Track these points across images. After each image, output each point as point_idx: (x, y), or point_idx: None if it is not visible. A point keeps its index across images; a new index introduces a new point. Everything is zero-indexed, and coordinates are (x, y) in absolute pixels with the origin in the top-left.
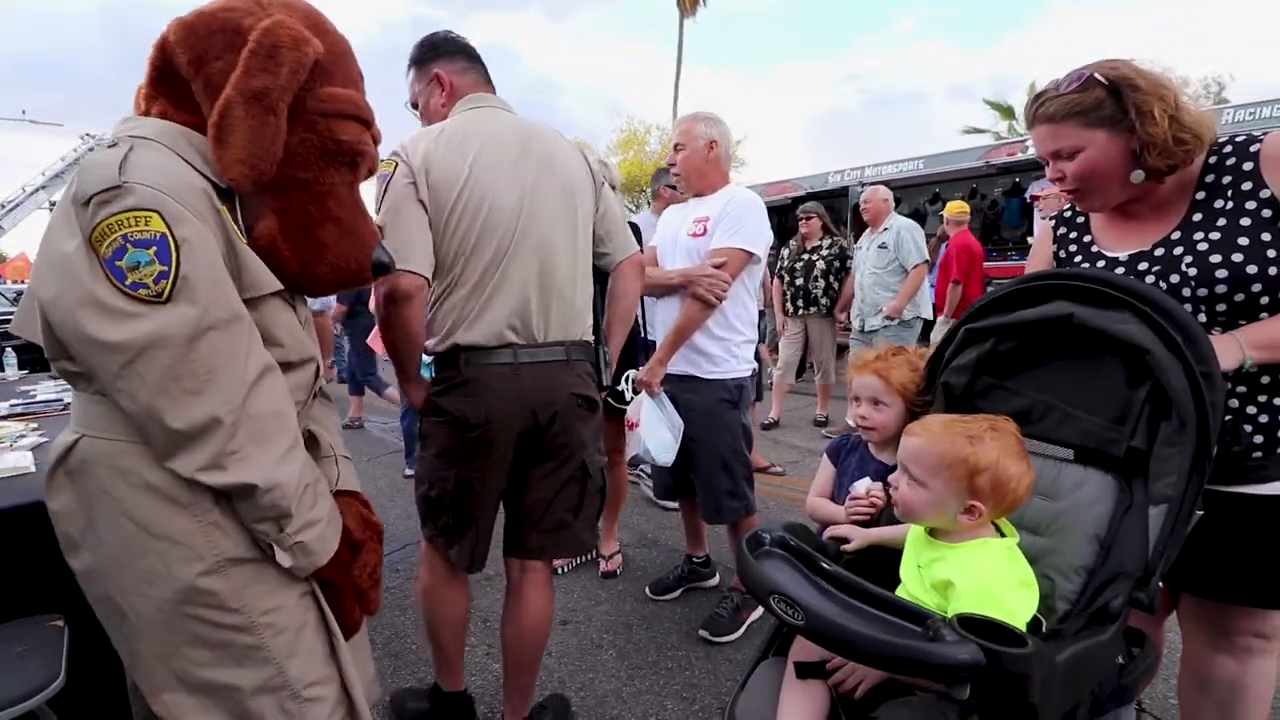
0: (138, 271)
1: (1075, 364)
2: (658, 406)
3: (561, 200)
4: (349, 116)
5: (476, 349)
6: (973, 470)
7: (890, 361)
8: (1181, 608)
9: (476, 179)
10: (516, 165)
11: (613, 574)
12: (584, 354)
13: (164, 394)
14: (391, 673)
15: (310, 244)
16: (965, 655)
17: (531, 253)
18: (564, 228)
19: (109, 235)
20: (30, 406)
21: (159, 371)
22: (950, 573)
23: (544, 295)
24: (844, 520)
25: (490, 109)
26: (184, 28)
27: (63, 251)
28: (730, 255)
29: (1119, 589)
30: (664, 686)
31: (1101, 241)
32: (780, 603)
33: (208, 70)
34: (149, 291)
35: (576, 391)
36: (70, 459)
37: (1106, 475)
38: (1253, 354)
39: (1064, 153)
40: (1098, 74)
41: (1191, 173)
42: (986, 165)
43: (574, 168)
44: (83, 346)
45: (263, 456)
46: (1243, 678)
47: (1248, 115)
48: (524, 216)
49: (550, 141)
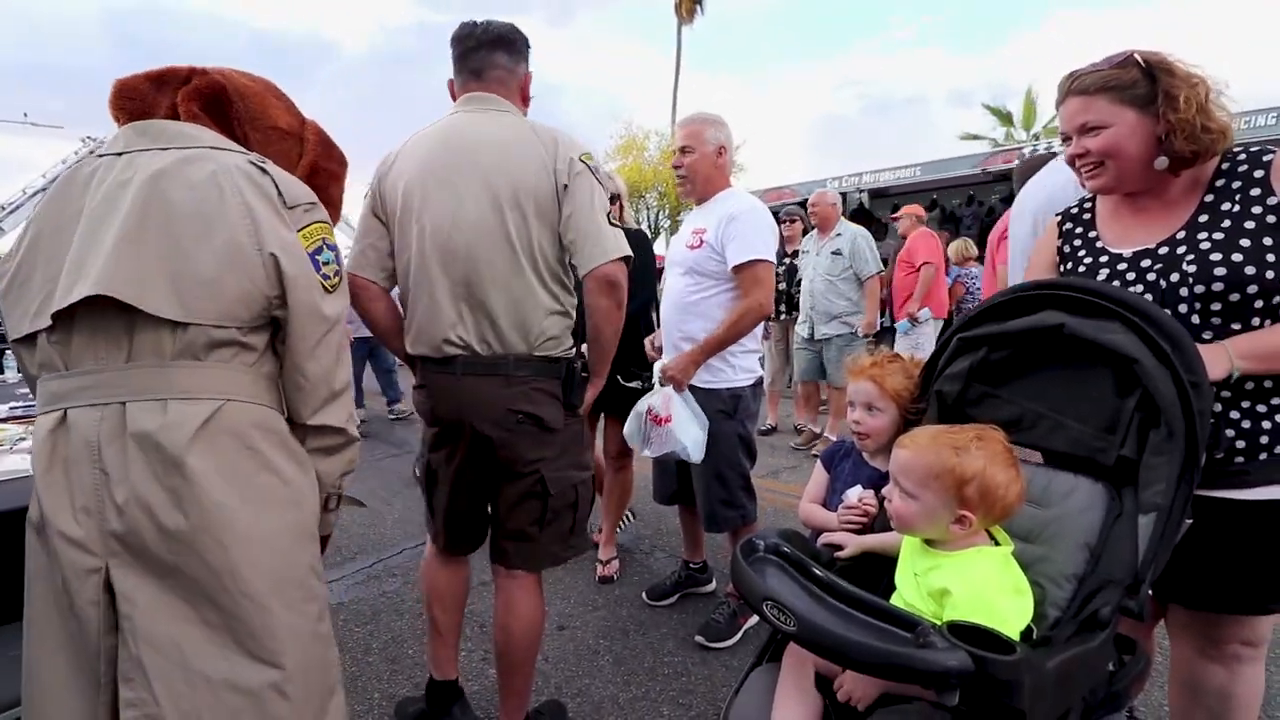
0: (329, 266)
1: (1066, 373)
2: (685, 403)
3: (493, 212)
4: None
5: (426, 359)
6: (960, 480)
7: (886, 368)
8: (1169, 617)
9: (410, 192)
10: (450, 176)
11: (609, 579)
12: (533, 369)
13: (336, 360)
14: (389, 676)
15: None
16: (954, 662)
17: (455, 266)
18: (494, 239)
19: (314, 236)
20: (30, 410)
21: (335, 342)
22: (946, 580)
23: (475, 309)
24: (835, 527)
25: (457, 114)
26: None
27: (287, 239)
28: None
29: (1109, 596)
30: (660, 692)
31: (1107, 238)
32: (772, 609)
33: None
34: (332, 283)
35: (517, 409)
36: (215, 421)
37: (1096, 483)
38: (1241, 364)
39: (1090, 126)
40: (1138, 55)
41: (1204, 175)
42: (984, 172)
43: (527, 175)
44: (308, 316)
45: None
46: (1232, 685)
47: (1244, 124)
48: (449, 230)
49: (502, 148)
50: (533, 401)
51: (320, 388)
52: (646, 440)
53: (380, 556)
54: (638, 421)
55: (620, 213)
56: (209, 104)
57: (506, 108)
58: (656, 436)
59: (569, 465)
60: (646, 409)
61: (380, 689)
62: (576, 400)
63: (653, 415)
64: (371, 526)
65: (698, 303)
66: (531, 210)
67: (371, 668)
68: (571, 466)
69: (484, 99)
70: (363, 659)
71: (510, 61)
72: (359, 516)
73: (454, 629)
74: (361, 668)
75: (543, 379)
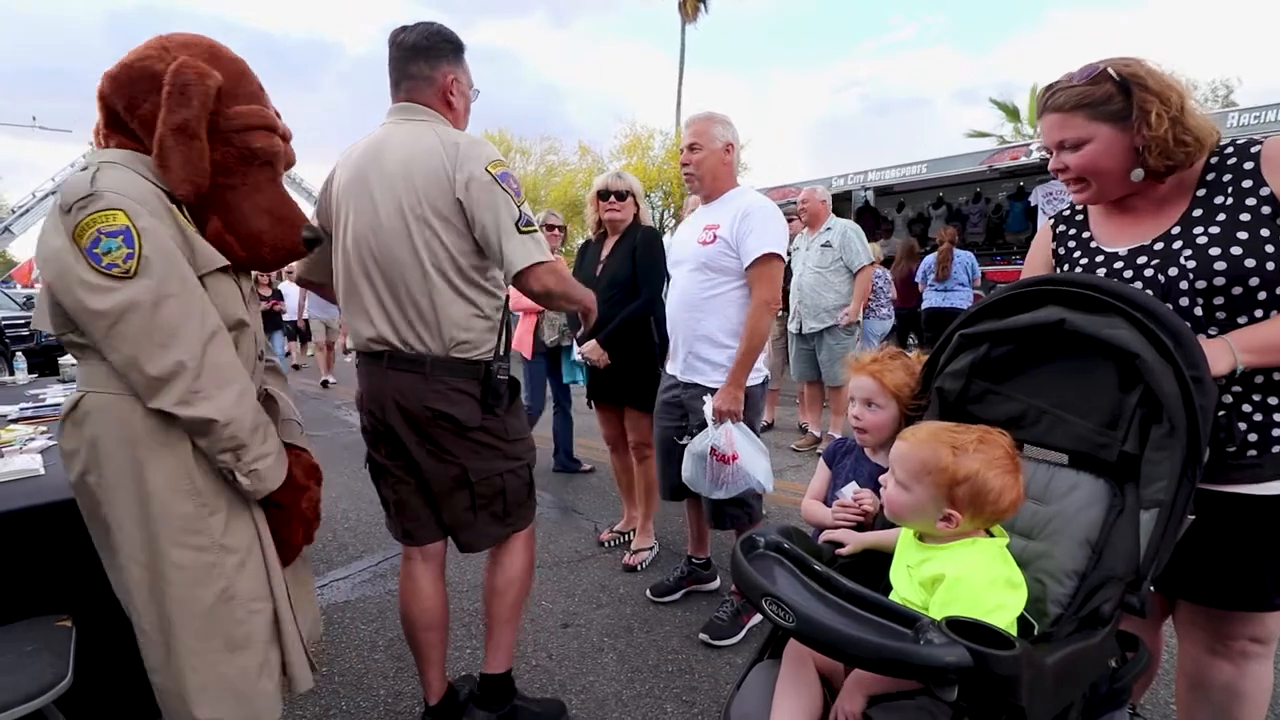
0: (110, 255)
1: (1067, 369)
2: (745, 434)
3: (401, 222)
4: (257, 127)
5: (360, 353)
6: (952, 480)
7: (886, 364)
8: (1177, 613)
9: (340, 201)
10: (368, 187)
11: (633, 569)
12: (449, 369)
13: (140, 348)
14: (394, 674)
15: (250, 234)
16: (952, 657)
17: (375, 272)
18: (405, 248)
19: (87, 230)
20: (40, 410)
21: (134, 330)
22: (939, 568)
23: (394, 312)
24: (831, 524)
25: (384, 125)
26: (112, 81)
27: (54, 246)
28: (770, 266)
29: (1110, 593)
30: (664, 690)
31: (1101, 238)
32: (772, 605)
33: (139, 113)
34: (120, 270)
35: (433, 406)
36: (77, 411)
37: (1098, 480)
38: (1244, 358)
39: (1068, 143)
40: (1110, 69)
41: (1193, 172)
42: (990, 169)
43: (430, 186)
44: (80, 315)
45: (223, 397)
46: (1239, 682)
47: (1253, 119)
48: (369, 237)
49: (407, 160)
50: (449, 401)
51: (134, 374)
52: (717, 482)
53: (387, 554)
54: (701, 465)
55: (638, 210)
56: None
57: (425, 116)
58: (728, 477)
59: (494, 457)
60: (710, 449)
61: (386, 686)
62: (493, 401)
63: (719, 456)
64: (378, 524)
65: (711, 299)
66: (436, 220)
67: (377, 665)
68: (496, 458)
69: (405, 108)
70: (368, 656)
71: (428, 68)
72: (365, 515)
73: (439, 645)
74: (368, 665)
75: (460, 379)
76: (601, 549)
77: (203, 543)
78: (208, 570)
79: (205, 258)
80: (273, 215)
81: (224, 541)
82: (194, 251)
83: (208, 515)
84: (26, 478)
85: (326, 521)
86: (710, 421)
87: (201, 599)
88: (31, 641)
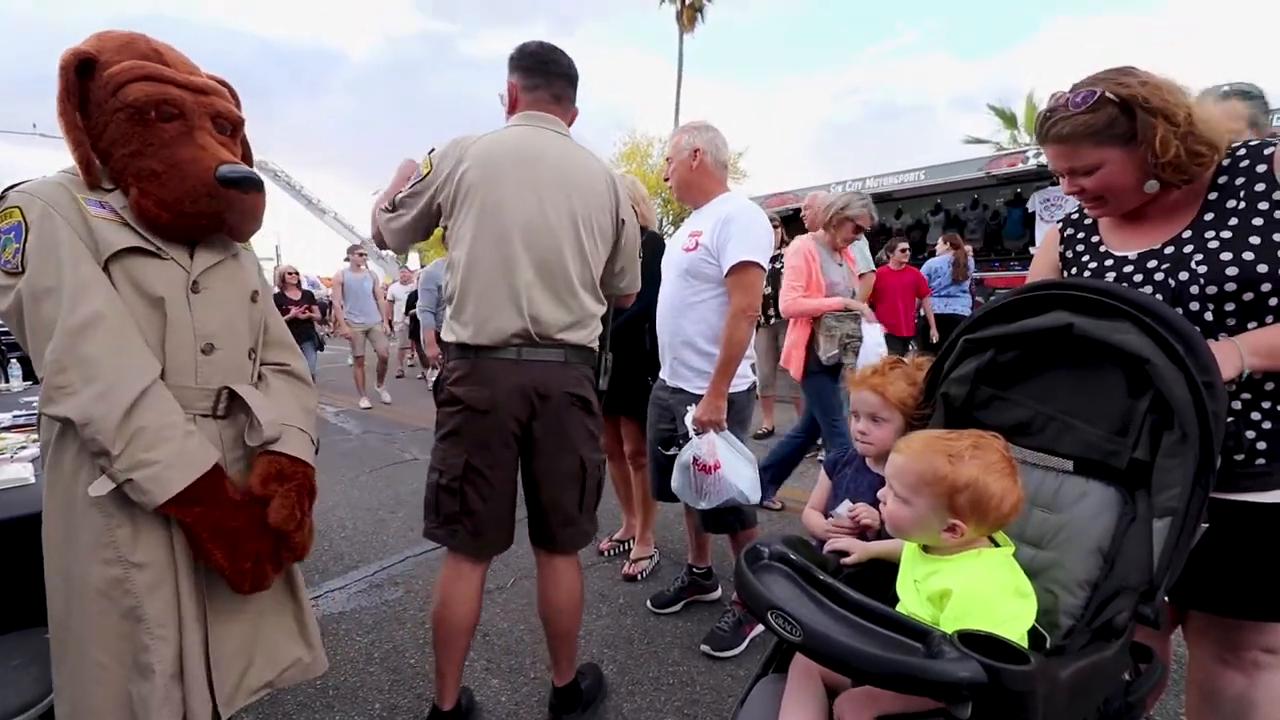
0: (5, 252)
1: (1076, 374)
2: (729, 443)
3: (572, 227)
4: (129, 80)
5: (482, 348)
6: (952, 489)
7: (887, 376)
8: (1187, 622)
9: (473, 186)
10: (536, 184)
11: (633, 579)
12: (582, 357)
13: (30, 344)
14: (390, 687)
15: (167, 195)
16: (966, 672)
17: (533, 264)
18: (573, 245)
19: None
20: (33, 418)
21: (25, 327)
22: (947, 582)
23: (547, 304)
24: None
25: (530, 127)
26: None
27: None
28: (747, 274)
29: (1123, 604)
30: (665, 702)
31: (1110, 242)
32: (778, 618)
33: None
34: (12, 266)
35: (573, 390)
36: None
37: (1109, 487)
38: (1253, 361)
39: (1080, 170)
40: (1108, 92)
41: (1204, 177)
42: (988, 176)
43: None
44: None
45: (84, 394)
46: (1251, 693)
47: None
48: (534, 233)
49: (587, 177)
50: (582, 385)
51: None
52: (700, 492)
53: (383, 565)
54: (686, 475)
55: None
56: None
57: (570, 135)
58: (710, 486)
59: (596, 449)
60: (692, 460)
61: (381, 699)
62: (602, 387)
63: (700, 465)
64: (374, 534)
65: (694, 306)
66: (599, 236)
67: (372, 678)
68: (598, 450)
69: (556, 123)
70: (364, 669)
71: (575, 96)
72: (363, 524)
73: (457, 658)
74: (363, 678)
75: (587, 366)
76: (601, 558)
77: (109, 556)
78: (116, 585)
79: (105, 242)
80: (180, 170)
81: (132, 558)
82: (95, 238)
83: (114, 528)
84: (17, 486)
85: (323, 531)
86: (692, 432)
87: (109, 613)
88: (19, 655)
